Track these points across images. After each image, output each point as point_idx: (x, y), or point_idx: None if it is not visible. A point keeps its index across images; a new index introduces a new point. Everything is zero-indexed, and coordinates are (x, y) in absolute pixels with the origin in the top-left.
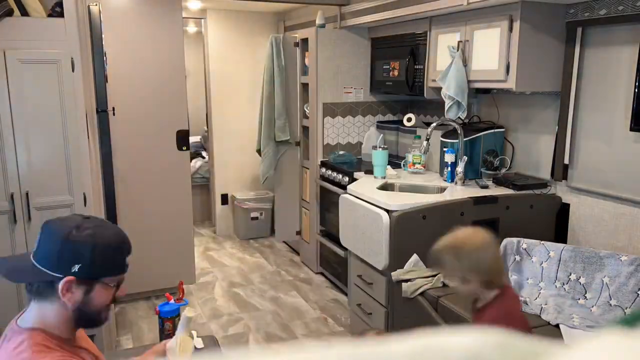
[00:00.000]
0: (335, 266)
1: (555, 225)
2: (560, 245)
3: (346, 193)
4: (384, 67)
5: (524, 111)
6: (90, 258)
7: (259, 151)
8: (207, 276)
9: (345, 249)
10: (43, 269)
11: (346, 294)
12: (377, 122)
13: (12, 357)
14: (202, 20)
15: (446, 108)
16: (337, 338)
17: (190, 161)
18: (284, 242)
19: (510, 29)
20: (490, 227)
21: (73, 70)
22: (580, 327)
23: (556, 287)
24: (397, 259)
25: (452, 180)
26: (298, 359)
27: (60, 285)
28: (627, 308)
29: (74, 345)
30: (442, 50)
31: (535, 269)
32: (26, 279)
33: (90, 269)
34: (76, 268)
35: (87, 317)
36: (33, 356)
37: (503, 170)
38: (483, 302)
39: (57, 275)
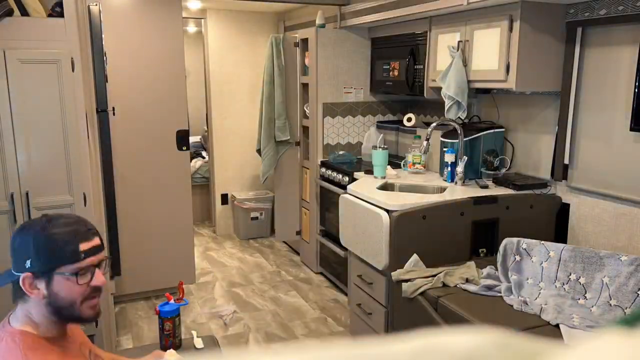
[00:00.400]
0: (335, 266)
1: (555, 225)
2: (561, 245)
3: (346, 193)
4: (384, 67)
5: (524, 111)
6: (35, 250)
7: (259, 151)
8: (207, 276)
9: (345, 249)
10: (9, 272)
11: (346, 294)
12: (377, 122)
13: (4, 354)
14: (202, 20)
15: (446, 108)
16: (337, 338)
17: (190, 161)
18: (284, 242)
19: (510, 29)
20: (490, 227)
21: (73, 70)
22: (580, 327)
23: (556, 287)
24: (397, 259)
25: (452, 180)
26: (298, 359)
27: (21, 282)
28: (627, 308)
29: (67, 342)
30: (442, 50)
31: (535, 268)
32: (2, 284)
33: (39, 261)
34: (28, 263)
35: (64, 312)
36: (24, 354)
37: (503, 170)
38: None
39: (17, 274)
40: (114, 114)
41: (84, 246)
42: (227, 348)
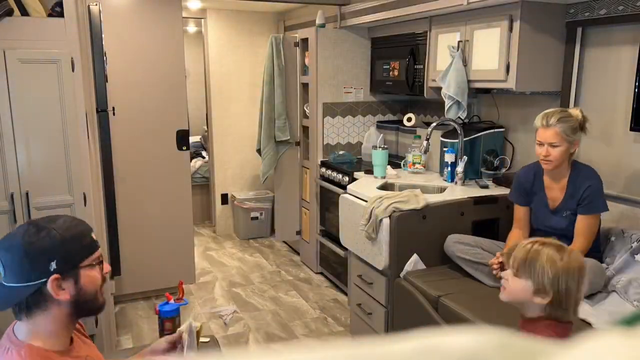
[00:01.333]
0: (335, 266)
1: None
2: None
3: (346, 193)
4: (384, 67)
5: (524, 111)
6: (58, 250)
7: (259, 151)
8: (207, 276)
9: (345, 249)
10: (23, 284)
11: (346, 294)
12: (377, 122)
13: None
14: (202, 20)
15: (446, 108)
16: (337, 338)
17: (190, 161)
18: (284, 242)
19: (510, 29)
20: (490, 227)
21: (73, 70)
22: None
23: None
24: (397, 259)
25: (452, 180)
26: (298, 359)
27: (49, 287)
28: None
29: (72, 355)
30: (442, 50)
31: None
32: (13, 302)
33: (65, 260)
34: (53, 265)
35: (86, 306)
36: None
37: (503, 170)
38: (532, 315)
39: (40, 281)
40: (114, 114)
41: (93, 236)
42: (227, 348)
